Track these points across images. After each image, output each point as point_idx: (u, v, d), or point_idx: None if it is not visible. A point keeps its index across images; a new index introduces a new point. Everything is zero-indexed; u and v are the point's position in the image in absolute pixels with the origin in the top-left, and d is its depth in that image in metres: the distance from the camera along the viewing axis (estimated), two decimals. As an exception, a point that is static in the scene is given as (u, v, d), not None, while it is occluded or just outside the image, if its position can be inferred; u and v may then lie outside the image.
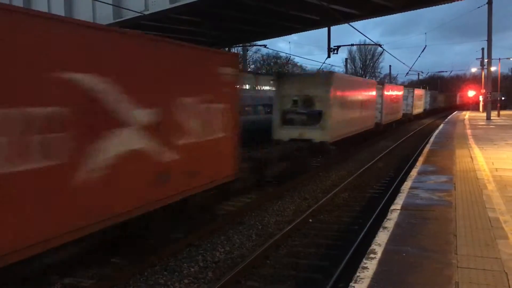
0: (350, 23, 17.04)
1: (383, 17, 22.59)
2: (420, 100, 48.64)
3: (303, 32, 22.92)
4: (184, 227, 9.29)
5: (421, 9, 18.75)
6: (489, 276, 4.62)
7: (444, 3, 17.73)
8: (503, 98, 65.81)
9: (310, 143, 15.70)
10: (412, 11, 18.81)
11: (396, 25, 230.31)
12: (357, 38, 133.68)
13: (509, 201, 7.82)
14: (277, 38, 49.21)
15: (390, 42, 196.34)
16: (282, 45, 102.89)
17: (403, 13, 19.38)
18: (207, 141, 8.53)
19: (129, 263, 7.34)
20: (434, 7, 18.81)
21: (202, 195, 8.77)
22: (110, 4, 14.80)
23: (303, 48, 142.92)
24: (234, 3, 14.95)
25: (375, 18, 24.57)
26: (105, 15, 15.98)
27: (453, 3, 17.64)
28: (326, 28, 21.71)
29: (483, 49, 42.26)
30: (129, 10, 14.15)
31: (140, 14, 14.26)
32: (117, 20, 15.73)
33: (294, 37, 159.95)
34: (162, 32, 19.39)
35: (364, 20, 20.51)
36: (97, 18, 16.51)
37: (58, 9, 18.09)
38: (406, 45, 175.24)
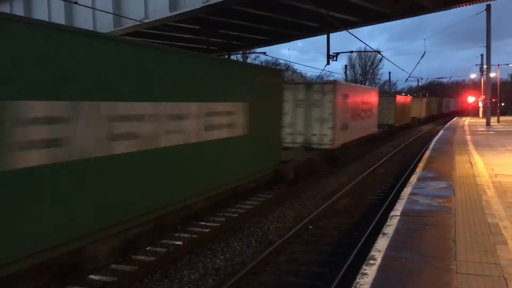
0: (349, 30, 17.13)
1: (389, 23, 22.90)
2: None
3: (308, 39, 23.12)
4: (184, 234, 9.30)
5: (428, 16, 18.90)
6: (488, 282, 4.64)
7: (442, 10, 17.84)
8: (502, 104, 66.01)
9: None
10: (417, 18, 18.96)
11: (402, 31, 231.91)
12: (360, 45, 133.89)
13: (509, 207, 7.84)
14: (280, 45, 49.55)
15: (396, 48, 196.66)
16: (286, 52, 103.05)
17: (409, 19, 19.64)
18: None
19: (129, 270, 7.34)
20: (440, 13, 18.92)
21: None
22: (111, 13, 14.90)
23: (307, 55, 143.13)
24: (233, 11, 15.04)
25: (381, 25, 24.87)
26: (105, 24, 16.08)
27: (457, 9, 17.71)
28: (331, 34, 21.83)
29: (482, 55, 42.48)
30: (129, 18, 14.24)
31: (140, 23, 14.35)
32: (117, 29, 15.82)
33: (298, 43, 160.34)
34: (161, 40, 19.49)
35: (369, 26, 20.63)
36: (97, 27, 16.60)
37: (59, 18, 18.18)
38: (411, 51, 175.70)
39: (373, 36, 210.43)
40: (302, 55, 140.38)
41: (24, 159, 5.11)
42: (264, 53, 26.14)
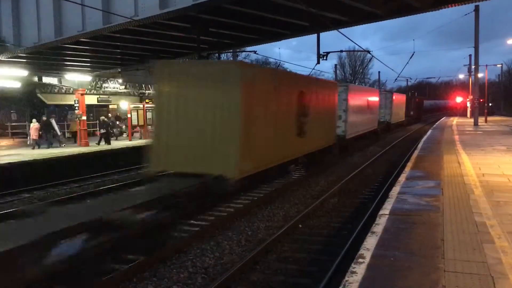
0: (340, 30, 17.16)
1: (383, 23, 23.02)
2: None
3: (301, 38, 22.90)
4: (173, 232, 9.26)
5: (422, 16, 18.96)
6: (476, 280, 4.68)
7: (431, 11, 17.93)
8: (490, 104, 66.71)
9: None
10: (411, 18, 18.92)
11: (396, 30, 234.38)
12: (351, 44, 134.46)
13: (496, 206, 7.91)
14: (272, 43, 49.44)
15: (389, 47, 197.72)
16: (279, 50, 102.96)
17: (403, 19, 19.63)
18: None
19: (118, 269, 7.29)
20: (433, 13, 19.03)
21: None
22: (100, 10, 14.77)
23: (300, 54, 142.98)
24: (224, 10, 14.99)
25: (375, 24, 24.88)
26: (94, 21, 15.92)
27: (450, 9, 17.78)
28: (323, 33, 21.79)
29: (470, 55, 42.86)
30: (119, 15, 14.13)
31: (129, 20, 14.24)
32: (106, 26, 15.68)
33: (293, 42, 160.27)
34: (152, 38, 19.37)
35: (363, 26, 20.69)
36: (86, 24, 16.44)
37: (47, 15, 17.98)
38: (404, 51, 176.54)
39: (367, 36, 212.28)
40: (296, 53, 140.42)
41: None
42: (255, 52, 26.04)
